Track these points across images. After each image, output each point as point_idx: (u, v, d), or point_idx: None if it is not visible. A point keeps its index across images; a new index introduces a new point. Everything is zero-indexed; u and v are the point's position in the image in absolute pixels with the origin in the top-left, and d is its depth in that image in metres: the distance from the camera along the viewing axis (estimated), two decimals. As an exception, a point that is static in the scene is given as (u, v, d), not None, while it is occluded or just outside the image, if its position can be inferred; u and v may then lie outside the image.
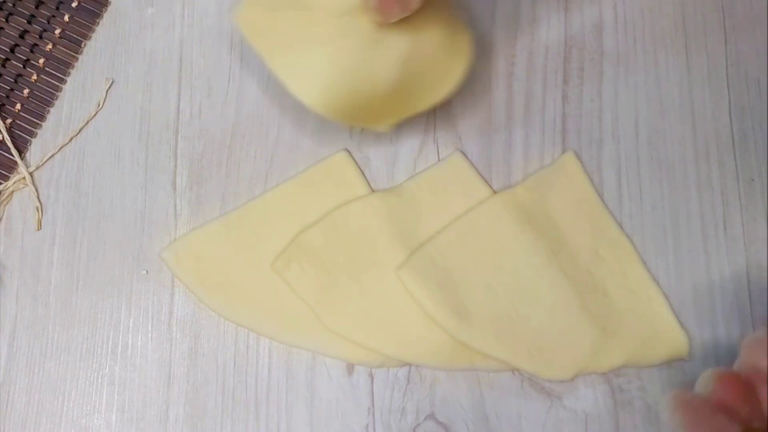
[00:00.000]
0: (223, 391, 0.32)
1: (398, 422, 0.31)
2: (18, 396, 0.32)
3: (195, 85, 0.36)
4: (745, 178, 0.34)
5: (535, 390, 0.32)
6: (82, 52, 0.36)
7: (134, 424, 0.32)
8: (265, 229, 0.33)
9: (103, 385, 0.32)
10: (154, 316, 0.33)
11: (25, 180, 0.34)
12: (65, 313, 0.33)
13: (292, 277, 0.32)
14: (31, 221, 0.34)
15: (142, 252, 0.34)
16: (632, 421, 0.31)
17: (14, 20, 0.36)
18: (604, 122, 0.35)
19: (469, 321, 0.31)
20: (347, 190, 0.34)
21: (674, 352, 0.32)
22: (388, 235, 0.33)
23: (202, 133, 0.35)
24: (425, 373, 0.32)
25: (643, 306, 0.32)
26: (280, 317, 0.32)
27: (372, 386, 0.32)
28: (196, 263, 0.33)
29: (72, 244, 0.34)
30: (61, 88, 0.36)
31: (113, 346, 0.33)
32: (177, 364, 0.32)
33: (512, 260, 0.32)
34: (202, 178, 0.35)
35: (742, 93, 0.35)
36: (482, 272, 0.32)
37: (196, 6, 0.37)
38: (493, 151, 0.34)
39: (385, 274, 0.32)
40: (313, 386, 0.32)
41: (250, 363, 0.32)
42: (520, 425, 0.31)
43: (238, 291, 0.33)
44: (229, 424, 0.32)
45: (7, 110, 0.36)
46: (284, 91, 0.35)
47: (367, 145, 0.35)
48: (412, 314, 0.32)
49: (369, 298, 0.32)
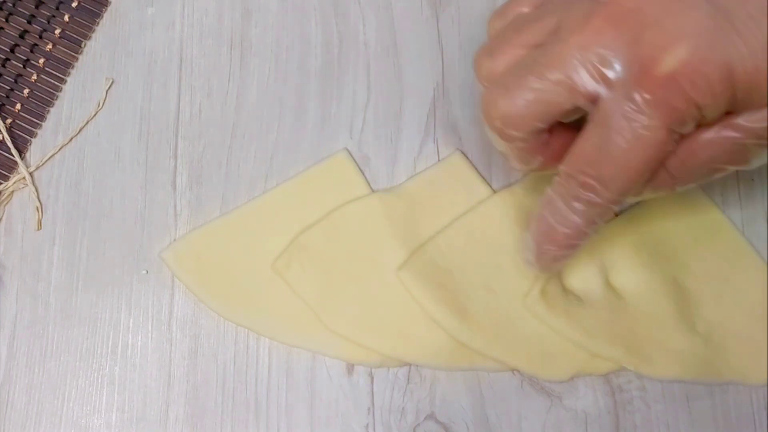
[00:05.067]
0: (223, 391, 0.32)
1: (398, 422, 0.31)
2: (18, 396, 0.32)
3: (195, 85, 0.36)
4: (745, 178, 0.34)
5: (534, 390, 0.32)
6: (82, 52, 0.36)
7: (134, 424, 0.32)
8: (265, 229, 0.33)
9: (103, 385, 0.32)
10: (154, 316, 0.33)
11: (25, 180, 0.34)
12: (65, 313, 0.33)
13: (292, 277, 0.32)
14: (31, 221, 0.34)
15: (142, 252, 0.34)
16: (632, 421, 0.31)
17: (14, 20, 0.36)
18: (604, 122, 0.35)
19: (468, 321, 0.31)
20: (347, 190, 0.34)
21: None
22: (388, 235, 0.33)
23: (202, 133, 0.35)
24: (425, 373, 0.32)
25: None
26: (280, 317, 0.32)
27: (372, 386, 0.32)
28: (196, 263, 0.33)
29: (72, 244, 0.34)
30: (61, 88, 0.36)
31: (113, 346, 0.33)
32: (177, 364, 0.32)
33: (512, 260, 0.32)
34: (202, 178, 0.35)
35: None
36: (482, 272, 0.32)
37: (196, 6, 0.37)
38: (493, 151, 0.34)
39: (385, 274, 0.32)
40: (313, 386, 0.32)
41: (250, 363, 0.32)
42: (520, 425, 0.31)
43: (238, 291, 0.33)
44: (229, 424, 0.32)
45: (7, 110, 0.36)
46: (284, 91, 0.36)
47: (367, 145, 0.35)
48: (412, 314, 0.32)
49: (369, 298, 0.32)
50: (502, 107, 0.26)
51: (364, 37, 0.36)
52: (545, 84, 0.25)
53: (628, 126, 0.24)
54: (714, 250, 0.32)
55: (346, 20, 0.36)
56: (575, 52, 0.24)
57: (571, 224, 0.26)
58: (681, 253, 0.32)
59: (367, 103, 0.35)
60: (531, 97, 0.25)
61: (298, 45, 0.36)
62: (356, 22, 0.36)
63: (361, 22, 0.36)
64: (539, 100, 0.25)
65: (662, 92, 0.23)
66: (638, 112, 0.23)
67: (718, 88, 0.23)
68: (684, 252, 0.32)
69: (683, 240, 0.33)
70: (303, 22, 0.36)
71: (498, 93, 0.26)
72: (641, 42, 0.23)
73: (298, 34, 0.36)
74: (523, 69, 0.25)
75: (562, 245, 0.27)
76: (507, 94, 0.25)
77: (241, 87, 0.36)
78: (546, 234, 0.27)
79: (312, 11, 0.36)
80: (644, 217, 0.33)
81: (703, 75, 0.23)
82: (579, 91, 0.24)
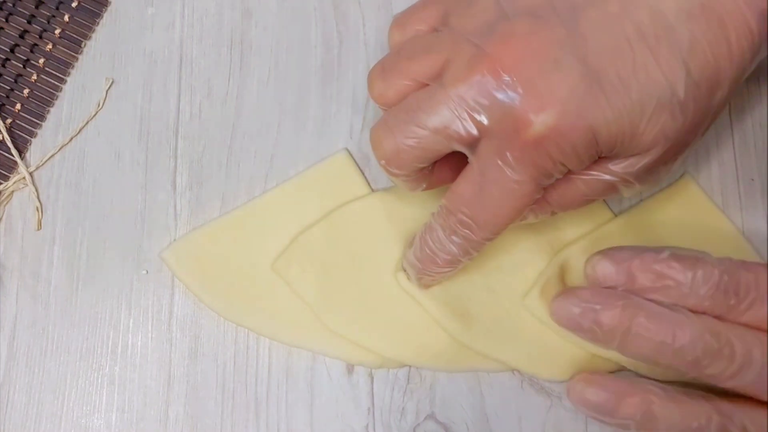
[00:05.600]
0: (223, 391, 0.32)
1: (398, 422, 0.31)
2: (18, 396, 0.32)
3: (195, 85, 0.36)
4: (745, 178, 0.34)
5: (535, 390, 0.32)
6: (82, 52, 0.36)
7: (134, 424, 0.32)
8: (266, 229, 0.33)
9: (103, 385, 0.32)
10: (154, 316, 0.33)
11: (25, 180, 0.34)
12: (65, 313, 0.33)
13: (292, 277, 0.32)
14: (31, 221, 0.34)
15: (142, 252, 0.34)
16: (632, 421, 0.31)
17: (14, 20, 0.36)
18: (604, 122, 0.35)
19: (469, 322, 0.31)
20: (347, 190, 0.34)
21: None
22: (388, 235, 0.33)
23: (202, 133, 0.35)
24: (425, 373, 0.32)
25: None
26: (280, 317, 0.32)
27: (372, 386, 0.32)
28: (196, 263, 0.33)
29: (72, 244, 0.34)
30: (61, 88, 0.36)
31: (113, 346, 0.33)
32: (177, 364, 0.32)
33: (512, 260, 0.32)
34: (202, 178, 0.35)
35: (742, 93, 0.35)
36: (482, 273, 0.32)
37: (196, 6, 0.37)
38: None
39: (385, 274, 0.32)
40: (313, 386, 0.32)
41: (250, 363, 0.32)
42: (520, 425, 0.31)
43: (238, 291, 0.33)
44: (229, 424, 0.32)
45: (7, 110, 0.36)
46: (284, 91, 0.36)
47: (367, 145, 0.35)
48: (413, 315, 0.32)
49: (369, 299, 0.32)
50: (386, 149, 0.27)
51: (364, 37, 0.36)
52: (425, 132, 0.26)
53: (500, 177, 0.26)
54: (714, 250, 0.32)
55: (346, 20, 0.36)
56: (455, 101, 0.25)
57: (448, 253, 0.28)
58: None
59: (367, 103, 0.35)
60: (412, 143, 0.26)
61: (298, 45, 0.36)
62: (356, 22, 0.36)
63: (361, 22, 0.36)
64: (419, 146, 0.26)
65: (530, 153, 0.25)
66: (508, 167, 0.25)
67: (582, 151, 0.25)
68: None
69: (682, 240, 0.33)
70: (303, 22, 0.36)
71: (383, 134, 0.27)
72: (514, 100, 0.24)
73: (298, 34, 0.36)
74: (407, 113, 0.26)
75: (440, 269, 0.29)
76: (391, 137, 0.27)
77: (241, 87, 0.36)
78: (427, 257, 0.29)
79: (312, 11, 0.36)
80: (644, 218, 0.33)
81: (568, 140, 0.24)
82: (456, 139, 0.26)
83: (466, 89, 0.25)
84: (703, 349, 0.26)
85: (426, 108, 0.26)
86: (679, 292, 0.27)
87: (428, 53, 0.27)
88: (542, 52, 0.24)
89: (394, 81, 0.27)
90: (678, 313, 0.27)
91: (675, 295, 0.27)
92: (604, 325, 0.27)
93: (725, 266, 0.27)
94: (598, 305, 0.28)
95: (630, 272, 0.28)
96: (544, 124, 0.24)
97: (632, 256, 0.28)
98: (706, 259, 0.28)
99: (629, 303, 0.27)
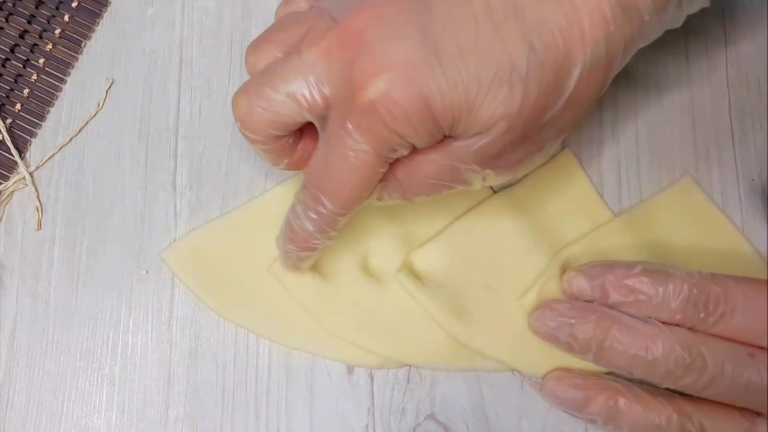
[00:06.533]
0: (223, 391, 0.32)
1: (398, 422, 0.31)
2: (18, 396, 0.32)
3: (195, 85, 0.36)
4: (745, 178, 0.34)
5: (535, 390, 0.32)
6: (82, 52, 0.36)
7: (134, 424, 0.32)
8: (265, 230, 0.33)
9: (103, 385, 0.32)
10: (154, 316, 0.33)
11: (25, 180, 0.34)
12: (65, 313, 0.33)
13: (289, 280, 0.32)
14: (31, 221, 0.34)
15: (142, 252, 0.34)
16: (632, 421, 0.31)
17: (14, 20, 0.36)
18: (604, 122, 0.35)
19: (468, 321, 0.31)
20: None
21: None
22: (388, 235, 0.33)
23: (202, 133, 0.35)
24: (425, 373, 0.32)
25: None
26: (279, 318, 0.32)
27: (372, 386, 0.32)
28: (196, 263, 0.33)
29: (72, 244, 0.34)
30: (61, 88, 0.36)
31: (113, 346, 0.33)
32: (177, 364, 0.32)
33: (512, 260, 0.32)
34: (202, 178, 0.35)
35: (742, 93, 0.35)
36: (482, 272, 0.32)
37: (196, 6, 0.37)
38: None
39: (384, 274, 0.32)
40: (313, 386, 0.32)
41: (250, 363, 0.32)
42: (520, 425, 0.31)
43: (238, 291, 0.33)
44: (229, 424, 0.32)
45: (7, 110, 0.36)
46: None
47: (367, 145, 0.35)
48: (412, 316, 0.32)
49: (368, 300, 0.32)
50: (241, 110, 0.27)
51: (364, 37, 0.36)
52: (277, 95, 0.26)
53: (342, 147, 0.25)
54: (714, 250, 0.32)
55: (346, 20, 0.36)
56: (306, 68, 0.25)
57: (305, 230, 0.28)
58: (681, 253, 0.32)
59: (367, 103, 0.35)
60: (264, 105, 0.26)
61: (298, 45, 0.36)
62: (356, 22, 0.36)
63: (361, 22, 0.36)
64: (271, 109, 0.26)
65: (366, 120, 0.25)
66: (348, 135, 0.25)
67: (415, 119, 0.24)
68: (683, 252, 0.32)
69: (683, 240, 0.33)
70: (303, 22, 0.36)
71: (240, 96, 0.27)
72: (354, 67, 0.24)
73: (298, 34, 0.36)
74: (264, 76, 0.27)
75: (301, 247, 0.29)
76: (246, 98, 0.27)
77: (241, 87, 0.35)
78: (288, 235, 0.29)
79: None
80: (644, 218, 0.33)
81: (399, 107, 0.24)
82: (306, 108, 0.26)
83: (314, 56, 0.25)
84: (675, 362, 0.27)
85: (281, 72, 0.26)
86: (651, 305, 0.28)
87: (297, 23, 0.27)
88: (388, 20, 0.24)
89: (264, 50, 0.27)
90: (651, 326, 0.28)
91: (648, 309, 0.29)
92: (579, 338, 0.29)
93: (695, 280, 0.28)
94: (573, 319, 0.29)
95: (603, 287, 0.29)
96: (377, 88, 0.24)
97: (605, 271, 0.29)
98: (677, 274, 0.28)
99: (603, 317, 0.28)
